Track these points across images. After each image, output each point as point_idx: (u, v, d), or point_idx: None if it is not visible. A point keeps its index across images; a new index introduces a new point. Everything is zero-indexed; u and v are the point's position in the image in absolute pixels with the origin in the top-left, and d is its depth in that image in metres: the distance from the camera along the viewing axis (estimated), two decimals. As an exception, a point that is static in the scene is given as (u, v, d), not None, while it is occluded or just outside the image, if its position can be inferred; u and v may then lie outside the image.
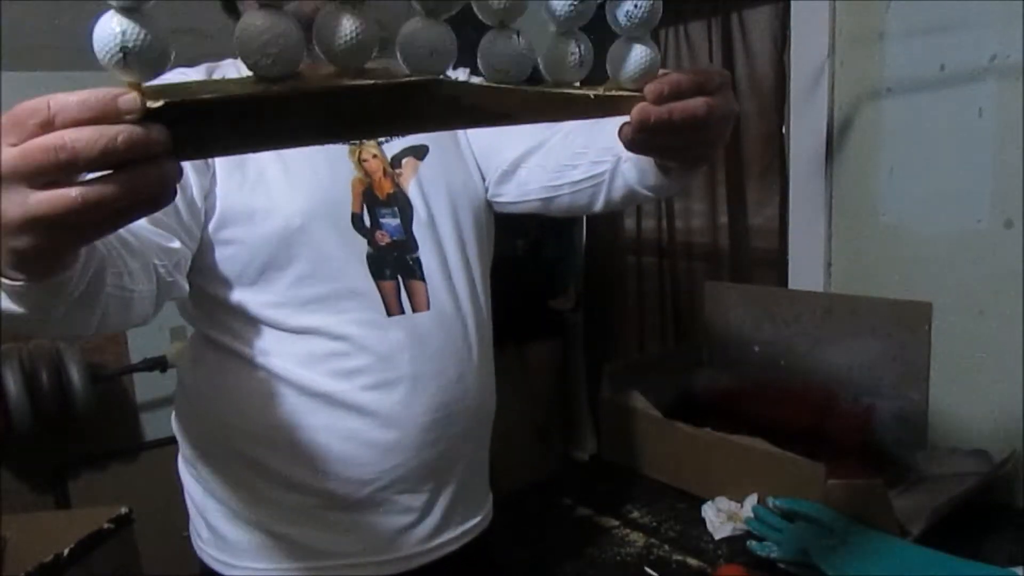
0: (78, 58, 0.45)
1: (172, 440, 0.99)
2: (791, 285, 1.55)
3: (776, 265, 1.61)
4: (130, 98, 0.39)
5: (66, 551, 1.36)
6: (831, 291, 1.48)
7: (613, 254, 2.04)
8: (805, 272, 1.52)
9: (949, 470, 1.24)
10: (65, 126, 0.38)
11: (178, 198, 0.78)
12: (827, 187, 1.45)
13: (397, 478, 0.87)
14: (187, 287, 0.79)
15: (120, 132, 0.38)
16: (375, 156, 0.87)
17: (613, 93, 0.51)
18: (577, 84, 0.52)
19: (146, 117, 0.39)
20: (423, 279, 0.87)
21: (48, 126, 0.38)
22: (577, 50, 0.50)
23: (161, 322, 2.05)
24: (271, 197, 0.81)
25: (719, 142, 0.58)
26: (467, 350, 0.91)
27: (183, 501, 0.98)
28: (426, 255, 0.87)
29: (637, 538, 1.22)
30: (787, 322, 1.53)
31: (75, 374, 1.81)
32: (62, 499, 2.02)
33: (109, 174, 0.39)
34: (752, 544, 1.11)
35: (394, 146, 0.89)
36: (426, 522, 0.91)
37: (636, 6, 0.50)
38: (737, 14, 1.64)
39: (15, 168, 0.39)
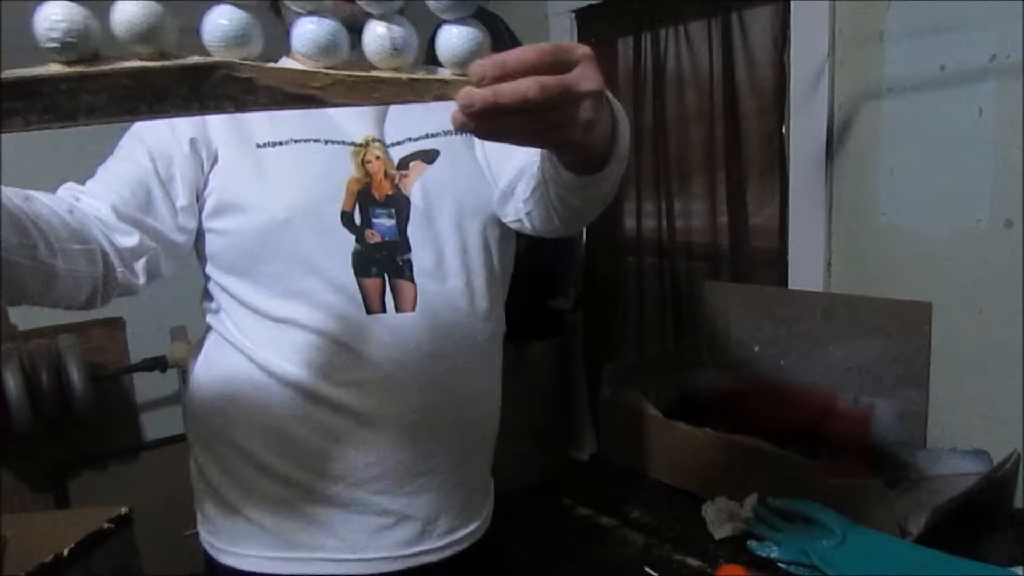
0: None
1: (172, 440, 1.00)
2: (791, 285, 1.55)
3: (776, 265, 1.61)
4: None
5: (66, 551, 1.36)
6: (831, 291, 1.48)
7: (613, 254, 2.04)
8: (805, 272, 1.52)
9: (949, 470, 1.24)
10: None
11: (156, 195, 0.81)
12: (827, 187, 1.45)
13: (371, 477, 0.86)
14: (139, 283, 0.80)
15: None
16: (378, 158, 0.88)
17: (427, 76, 0.50)
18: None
19: None
20: (412, 280, 0.86)
21: None
22: (386, 33, 0.49)
23: (161, 322, 2.05)
24: (262, 192, 0.83)
25: (578, 124, 0.53)
26: (459, 355, 0.89)
27: (188, 500, 0.99)
28: (420, 257, 0.87)
29: (637, 538, 1.22)
30: (787, 322, 1.53)
31: (75, 374, 1.81)
32: (62, 499, 2.02)
33: None
34: (752, 544, 1.12)
35: (405, 148, 0.89)
36: (404, 526, 0.89)
37: None
38: (737, 14, 1.64)
39: None
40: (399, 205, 0.87)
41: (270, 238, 0.83)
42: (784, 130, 1.55)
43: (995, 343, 1.25)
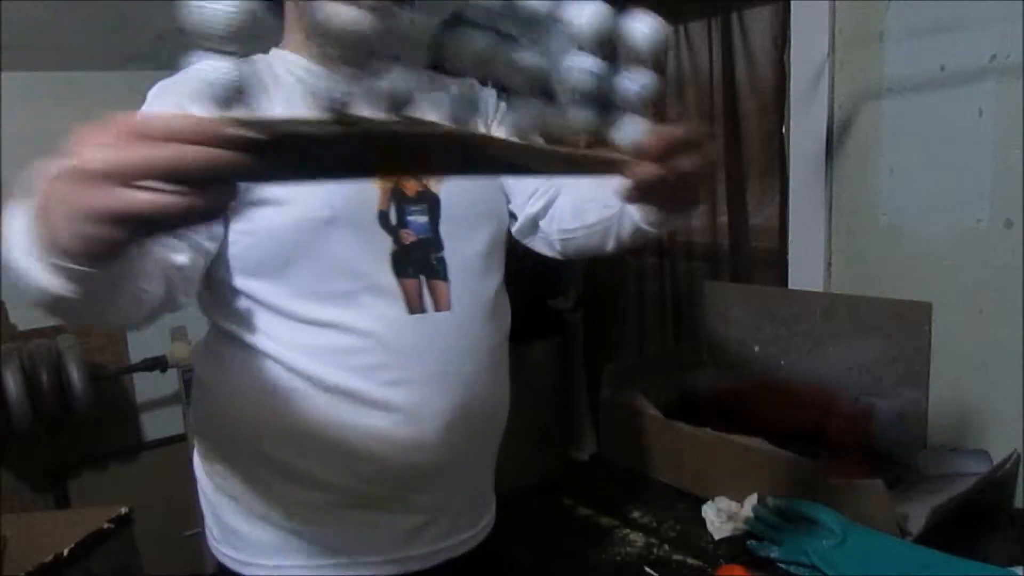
0: (76, 59, 0.47)
1: (172, 440, 1.00)
2: (791, 285, 1.55)
3: (776, 265, 1.61)
4: (238, 133, 0.44)
5: (66, 551, 1.36)
6: (831, 291, 1.48)
7: (613, 254, 2.04)
8: (805, 272, 1.52)
9: (949, 470, 1.24)
10: (168, 140, 0.43)
11: None
12: (827, 187, 1.45)
13: (412, 476, 0.87)
14: (183, 302, 0.80)
15: (221, 156, 0.43)
16: None
17: (618, 156, 0.61)
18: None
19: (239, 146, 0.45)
20: (446, 279, 0.87)
21: (146, 138, 0.43)
22: (580, 118, 0.60)
23: (161, 322, 2.05)
24: (294, 187, 0.81)
25: (702, 188, 0.68)
26: (484, 353, 0.91)
27: (188, 500, 0.98)
28: (451, 256, 0.88)
29: (637, 538, 1.22)
30: (787, 322, 1.53)
31: (75, 374, 1.82)
32: (62, 499, 2.03)
33: (187, 186, 0.44)
34: (752, 544, 1.12)
35: None
36: (439, 523, 0.91)
37: (638, 84, 0.60)
38: (737, 14, 1.64)
39: (118, 165, 0.43)
40: (431, 202, 0.88)
41: (303, 235, 0.81)
42: (784, 130, 1.55)
43: (995, 343, 1.25)
